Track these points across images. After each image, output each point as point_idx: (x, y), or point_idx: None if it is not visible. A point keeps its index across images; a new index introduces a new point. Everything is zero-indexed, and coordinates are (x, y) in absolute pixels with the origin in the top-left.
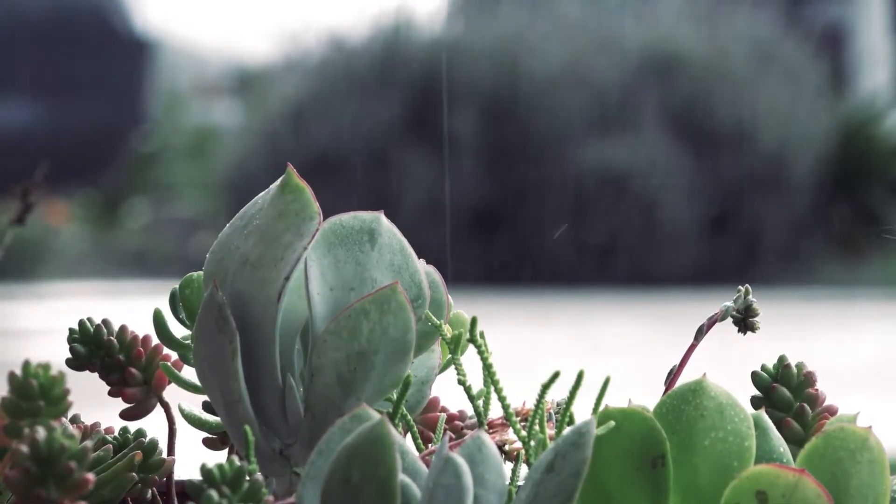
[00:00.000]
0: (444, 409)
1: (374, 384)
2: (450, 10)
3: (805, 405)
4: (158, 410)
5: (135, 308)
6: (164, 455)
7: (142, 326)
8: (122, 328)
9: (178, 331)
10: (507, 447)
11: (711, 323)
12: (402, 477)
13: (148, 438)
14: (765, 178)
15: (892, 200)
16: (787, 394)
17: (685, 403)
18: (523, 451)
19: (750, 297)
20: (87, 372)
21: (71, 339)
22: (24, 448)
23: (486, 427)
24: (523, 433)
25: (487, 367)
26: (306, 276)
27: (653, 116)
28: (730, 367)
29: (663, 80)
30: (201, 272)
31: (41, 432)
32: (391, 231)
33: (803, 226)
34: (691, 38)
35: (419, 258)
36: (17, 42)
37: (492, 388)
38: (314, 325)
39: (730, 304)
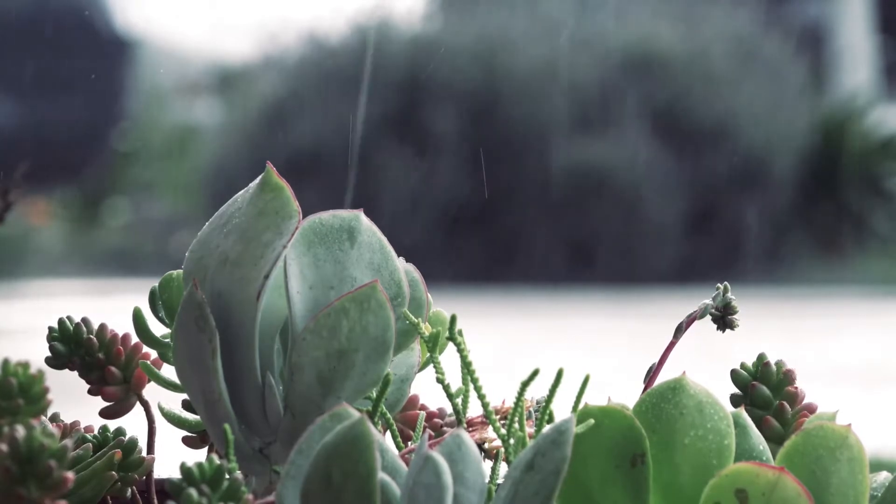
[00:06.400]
0: (423, 407)
1: (353, 383)
2: (429, 9)
3: (785, 403)
4: (138, 409)
5: (115, 307)
6: (144, 454)
7: (122, 325)
8: (102, 327)
9: (158, 329)
10: (486, 445)
11: (690, 321)
12: (382, 475)
13: (128, 437)
14: (746, 176)
15: (873, 198)
16: (766, 392)
17: (665, 402)
18: (503, 450)
19: (729, 294)
20: (66, 370)
21: (50, 338)
22: (4, 447)
23: (466, 425)
24: (503, 431)
25: (467, 366)
26: (286, 274)
27: (634, 115)
28: (710, 364)
29: (644, 78)
30: (181, 271)
31: (21, 431)
32: (371, 229)
33: (784, 224)
34: (672, 37)
35: (399, 256)
36: None
37: (471, 387)
38: (294, 323)
39: (709, 301)
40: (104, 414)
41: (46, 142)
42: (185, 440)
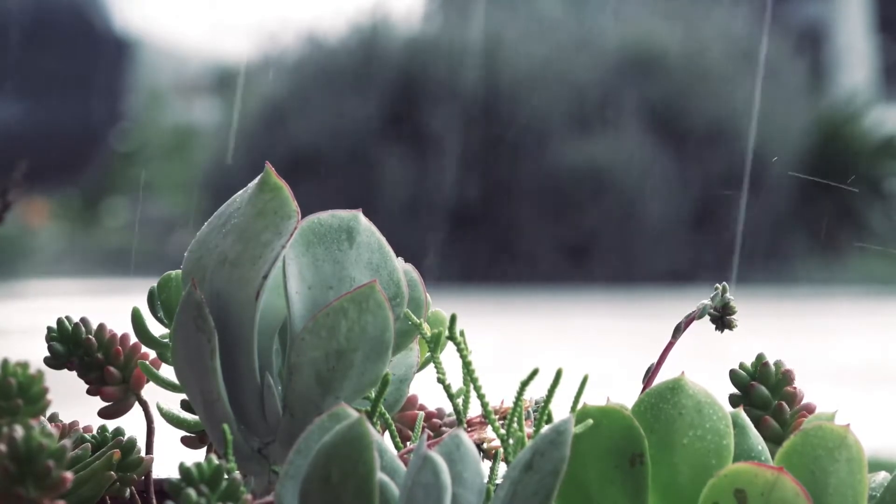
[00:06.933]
0: (422, 407)
1: (352, 383)
2: (427, 9)
3: (783, 403)
4: (137, 409)
5: (113, 307)
6: (143, 454)
7: (120, 325)
8: (101, 327)
9: (157, 329)
10: (485, 445)
11: (689, 321)
12: (381, 475)
13: (126, 437)
14: (744, 176)
15: (871, 199)
16: (765, 392)
17: (663, 402)
18: (502, 450)
19: (727, 294)
20: (65, 370)
21: (49, 338)
22: (3, 447)
23: (465, 425)
24: (502, 431)
25: (466, 366)
26: (284, 274)
27: (632, 114)
28: (709, 364)
29: (642, 78)
30: (179, 271)
31: (19, 431)
32: (369, 229)
33: (783, 224)
34: (670, 37)
35: (397, 256)
36: None
37: (471, 387)
38: (292, 323)
39: (707, 301)
40: (103, 414)
41: (45, 142)
42: (184, 440)
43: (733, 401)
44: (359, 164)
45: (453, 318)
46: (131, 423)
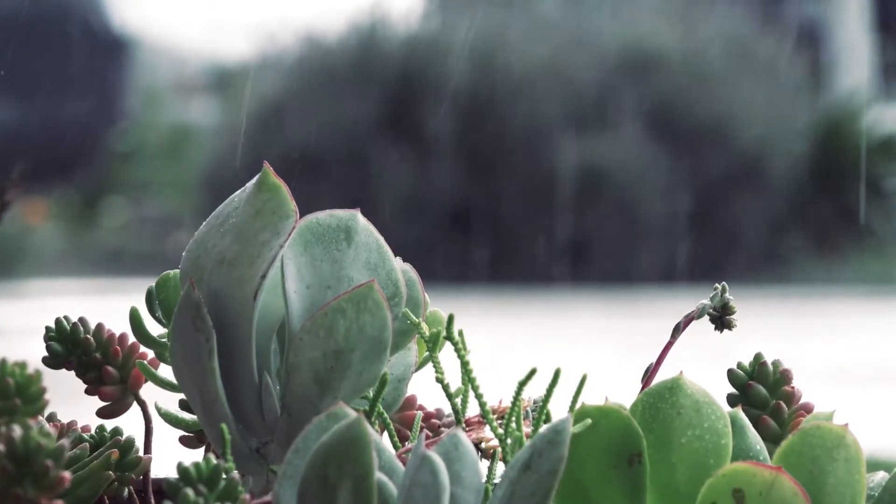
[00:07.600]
0: (420, 407)
1: (350, 382)
2: (426, 8)
3: (781, 403)
4: (135, 409)
5: (112, 306)
6: (141, 453)
7: (119, 325)
8: (99, 326)
9: (155, 329)
10: (483, 445)
11: (688, 321)
12: (379, 475)
13: (125, 437)
14: (743, 175)
15: (871, 198)
16: (763, 391)
17: (662, 401)
18: (500, 449)
19: (727, 294)
20: (63, 370)
21: (48, 338)
22: (1, 447)
23: (463, 425)
24: (500, 431)
25: (464, 365)
26: (283, 274)
27: (631, 114)
28: (708, 364)
29: (641, 77)
30: (178, 270)
31: (18, 431)
32: (368, 229)
33: (782, 223)
34: (669, 36)
35: (396, 256)
36: None
37: (469, 386)
38: (291, 323)
39: (706, 301)
40: (101, 413)
41: (43, 141)
42: (182, 440)
43: (731, 400)
44: (357, 163)
45: (451, 318)
46: (130, 423)
